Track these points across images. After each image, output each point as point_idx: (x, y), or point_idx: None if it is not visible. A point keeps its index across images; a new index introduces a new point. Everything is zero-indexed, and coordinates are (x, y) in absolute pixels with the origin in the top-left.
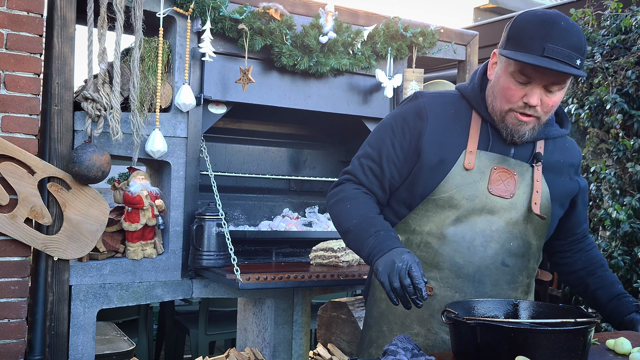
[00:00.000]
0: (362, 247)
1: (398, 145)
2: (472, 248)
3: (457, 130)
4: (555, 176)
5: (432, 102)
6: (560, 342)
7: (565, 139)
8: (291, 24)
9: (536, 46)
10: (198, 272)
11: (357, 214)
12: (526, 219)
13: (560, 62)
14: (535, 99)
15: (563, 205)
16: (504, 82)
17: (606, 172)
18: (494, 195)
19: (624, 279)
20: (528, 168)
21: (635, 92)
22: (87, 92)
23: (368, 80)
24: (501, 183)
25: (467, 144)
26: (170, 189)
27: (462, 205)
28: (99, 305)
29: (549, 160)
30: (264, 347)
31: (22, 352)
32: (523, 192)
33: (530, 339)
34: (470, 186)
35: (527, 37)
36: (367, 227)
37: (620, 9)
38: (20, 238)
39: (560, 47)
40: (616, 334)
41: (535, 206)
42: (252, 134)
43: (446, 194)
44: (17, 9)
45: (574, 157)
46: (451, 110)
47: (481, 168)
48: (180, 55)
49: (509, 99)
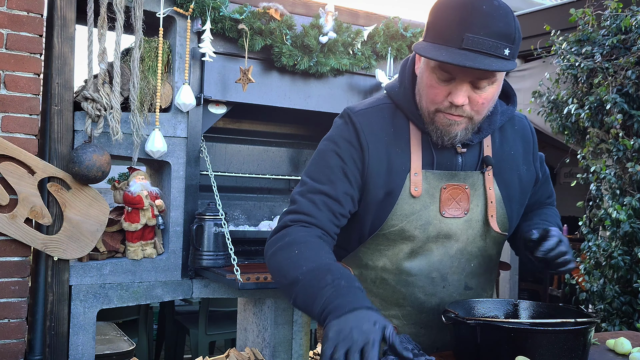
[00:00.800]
0: (314, 299)
1: (351, 176)
2: (432, 281)
3: (398, 151)
4: (510, 174)
5: (368, 120)
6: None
7: (513, 120)
8: (291, 24)
9: (454, 37)
10: (198, 272)
11: (308, 260)
12: (484, 234)
13: (483, 54)
14: (460, 98)
15: (523, 202)
16: (427, 79)
17: (606, 172)
18: (447, 218)
19: (624, 279)
20: (479, 176)
21: (635, 92)
22: (87, 92)
23: (368, 80)
24: (453, 202)
25: (410, 165)
26: (170, 189)
27: (416, 236)
28: (99, 305)
29: (500, 157)
30: (264, 347)
31: (22, 352)
32: (477, 204)
33: (530, 339)
34: (421, 214)
35: (443, 26)
36: (322, 274)
37: (620, 9)
38: (20, 238)
39: (481, 37)
40: (616, 334)
41: (492, 220)
42: (252, 134)
43: (396, 227)
44: (17, 9)
45: (526, 141)
46: (390, 129)
47: (429, 191)
48: (180, 55)
49: (433, 99)
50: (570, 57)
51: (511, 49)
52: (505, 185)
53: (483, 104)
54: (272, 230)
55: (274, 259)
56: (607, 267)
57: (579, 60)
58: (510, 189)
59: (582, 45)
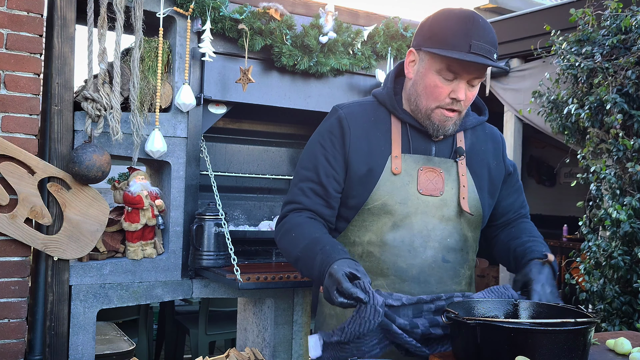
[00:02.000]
0: (312, 269)
1: (332, 159)
2: (413, 250)
3: (379, 136)
4: (480, 166)
5: (352, 111)
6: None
7: (485, 126)
8: (291, 24)
9: (462, 43)
10: (198, 272)
11: (302, 238)
12: (458, 214)
13: (483, 57)
14: (462, 94)
15: (493, 194)
16: (430, 80)
17: (606, 172)
18: (424, 195)
19: (624, 279)
20: (452, 164)
21: (635, 92)
22: (87, 92)
23: (368, 80)
24: (429, 182)
25: (391, 149)
26: (170, 189)
27: (396, 210)
28: (99, 305)
29: (471, 151)
30: (264, 347)
31: (22, 352)
32: (451, 187)
33: (530, 339)
34: (401, 190)
35: (451, 34)
36: (313, 247)
37: (620, 9)
38: (20, 238)
39: (482, 43)
40: (616, 334)
41: (463, 201)
42: (252, 134)
43: (379, 202)
44: (17, 9)
45: (495, 142)
46: (371, 118)
47: (408, 171)
48: (180, 55)
49: (437, 97)
50: (570, 57)
51: (497, 54)
52: (475, 175)
53: (471, 100)
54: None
55: (281, 244)
56: (607, 267)
57: (579, 60)
58: (480, 178)
59: (582, 45)
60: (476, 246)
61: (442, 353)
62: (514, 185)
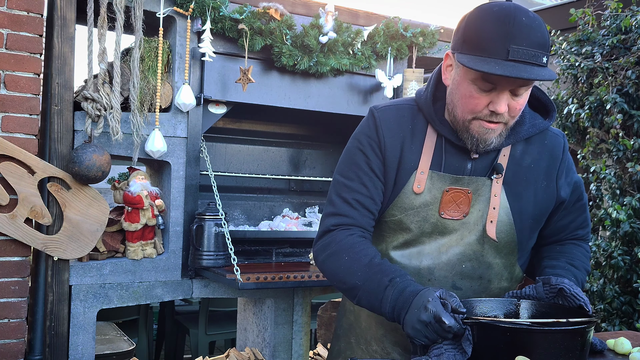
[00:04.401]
0: (381, 303)
1: (377, 168)
2: (419, 272)
3: (412, 148)
4: (525, 186)
5: (388, 117)
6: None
7: (545, 134)
8: (291, 24)
9: (499, 49)
10: (198, 272)
11: (360, 265)
12: (481, 238)
13: (527, 64)
14: (502, 106)
15: (538, 219)
16: (465, 90)
17: (606, 172)
18: (445, 219)
19: (624, 279)
20: (485, 182)
21: (635, 92)
22: (87, 92)
23: (368, 80)
24: (453, 204)
25: (419, 164)
26: (170, 189)
27: (412, 229)
28: (99, 305)
29: (517, 166)
30: (264, 347)
31: (22, 352)
32: (478, 209)
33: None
34: (419, 211)
35: (486, 38)
36: (378, 278)
37: (620, 9)
38: (20, 238)
39: (525, 47)
40: (616, 334)
41: (490, 225)
42: (252, 134)
43: (395, 218)
44: (17, 9)
45: (553, 155)
46: (408, 126)
47: (432, 191)
48: (180, 55)
49: (473, 109)
50: (570, 57)
51: (547, 57)
52: (516, 196)
53: (519, 110)
54: (317, 234)
55: (326, 266)
56: (607, 267)
57: (579, 60)
58: (522, 201)
59: (582, 45)
60: (510, 274)
61: None
62: (576, 204)
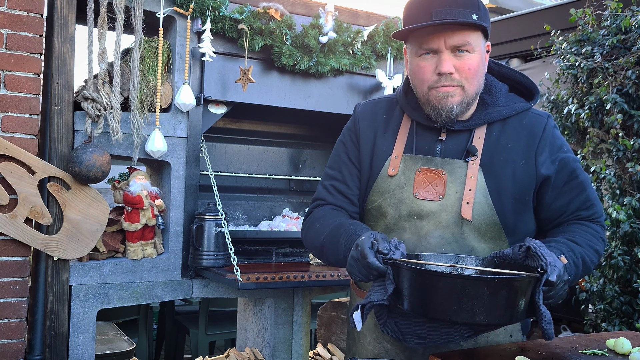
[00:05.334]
0: (337, 250)
1: (353, 157)
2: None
3: (387, 136)
4: (502, 166)
5: (365, 109)
6: (461, 289)
7: (525, 115)
8: (291, 24)
9: (424, 15)
10: (198, 272)
11: (326, 226)
12: (459, 220)
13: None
14: (445, 65)
15: (520, 198)
16: (414, 65)
17: (606, 172)
18: (420, 200)
19: (624, 279)
20: (461, 164)
21: (635, 92)
22: (87, 92)
23: (368, 80)
24: (428, 185)
25: (393, 149)
26: (170, 189)
27: (389, 213)
28: (99, 305)
29: (494, 147)
30: (264, 347)
31: (22, 352)
32: (455, 191)
33: (436, 281)
34: (395, 193)
35: (414, 13)
36: (336, 231)
37: (620, 9)
38: (20, 238)
39: (445, 8)
40: (616, 334)
41: (466, 207)
42: (252, 134)
43: (375, 203)
44: (17, 9)
45: (532, 134)
46: (383, 116)
47: (405, 173)
48: (180, 55)
49: (423, 77)
50: (570, 57)
51: (478, 15)
52: (494, 177)
53: (470, 70)
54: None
55: (306, 240)
56: (607, 267)
57: (579, 60)
58: (500, 181)
59: (582, 45)
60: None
61: (443, 353)
62: (569, 183)
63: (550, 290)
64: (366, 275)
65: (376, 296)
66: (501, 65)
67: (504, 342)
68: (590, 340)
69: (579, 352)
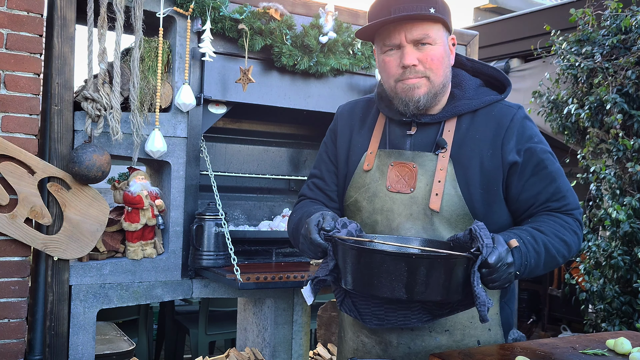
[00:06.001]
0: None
1: (332, 155)
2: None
3: (362, 133)
4: (470, 157)
5: (344, 109)
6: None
7: (495, 107)
8: (291, 24)
9: (384, 11)
10: (198, 272)
11: (297, 214)
12: (430, 212)
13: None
14: (407, 58)
15: (488, 188)
16: (380, 62)
17: (606, 172)
18: (392, 192)
19: (624, 279)
20: (432, 157)
21: (635, 92)
22: (87, 92)
23: (368, 80)
24: (400, 178)
25: (368, 145)
26: (170, 189)
27: (365, 207)
28: (99, 305)
29: (463, 139)
30: (264, 347)
31: (22, 352)
32: (425, 184)
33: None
34: (370, 187)
35: (375, 11)
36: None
37: (620, 9)
38: (20, 238)
39: (403, 4)
40: (616, 334)
41: (435, 198)
42: (252, 134)
43: (352, 199)
44: (17, 9)
45: (500, 124)
46: (360, 115)
47: (380, 167)
48: (180, 55)
49: (389, 72)
50: (570, 57)
51: (436, 8)
52: (463, 168)
53: (433, 61)
54: None
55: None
56: (607, 267)
57: (579, 60)
58: (469, 172)
59: (582, 45)
60: None
61: (443, 353)
62: (538, 173)
63: (492, 272)
64: (314, 252)
65: (321, 271)
66: (474, 61)
67: (481, 335)
68: (590, 340)
69: (579, 352)
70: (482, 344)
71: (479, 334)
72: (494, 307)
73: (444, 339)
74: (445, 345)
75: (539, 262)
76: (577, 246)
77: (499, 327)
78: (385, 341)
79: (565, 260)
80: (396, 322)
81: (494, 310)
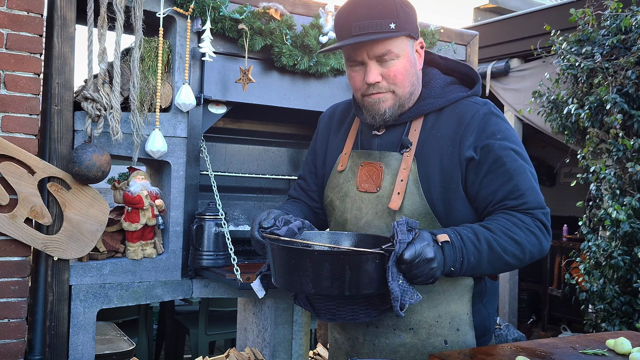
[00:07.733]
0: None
1: (313, 157)
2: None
3: (339, 135)
4: (431, 155)
5: (325, 113)
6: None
7: (460, 104)
8: (291, 24)
9: (345, 30)
10: (198, 272)
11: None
12: (392, 210)
13: (372, 34)
14: (371, 76)
15: (447, 186)
16: (348, 74)
17: (606, 172)
18: (361, 192)
19: (624, 279)
20: (396, 156)
21: (635, 92)
22: (87, 92)
23: None
24: (369, 178)
25: (343, 147)
26: (170, 189)
27: (337, 206)
28: (99, 305)
29: (426, 138)
30: (264, 347)
31: (22, 352)
32: (390, 183)
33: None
34: (342, 187)
35: (339, 25)
36: None
37: (620, 9)
38: (20, 238)
39: (363, 22)
40: (616, 334)
41: (396, 197)
42: (252, 134)
43: (328, 199)
44: (17, 9)
45: (461, 121)
46: (338, 118)
47: (352, 168)
48: (180, 55)
49: (355, 86)
50: (570, 57)
51: (396, 23)
52: (425, 167)
53: (396, 76)
54: None
55: None
56: (607, 267)
57: (579, 60)
58: (429, 169)
59: (582, 45)
60: None
61: (442, 353)
62: (494, 171)
63: (412, 268)
64: (257, 248)
65: (264, 267)
66: (447, 59)
67: (449, 335)
68: (590, 340)
69: (579, 352)
70: (450, 344)
71: (446, 334)
72: (463, 306)
73: (409, 338)
74: (410, 343)
75: (481, 260)
76: (536, 246)
77: (470, 328)
78: (353, 337)
79: (521, 261)
80: (346, 317)
81: (463, 309)
